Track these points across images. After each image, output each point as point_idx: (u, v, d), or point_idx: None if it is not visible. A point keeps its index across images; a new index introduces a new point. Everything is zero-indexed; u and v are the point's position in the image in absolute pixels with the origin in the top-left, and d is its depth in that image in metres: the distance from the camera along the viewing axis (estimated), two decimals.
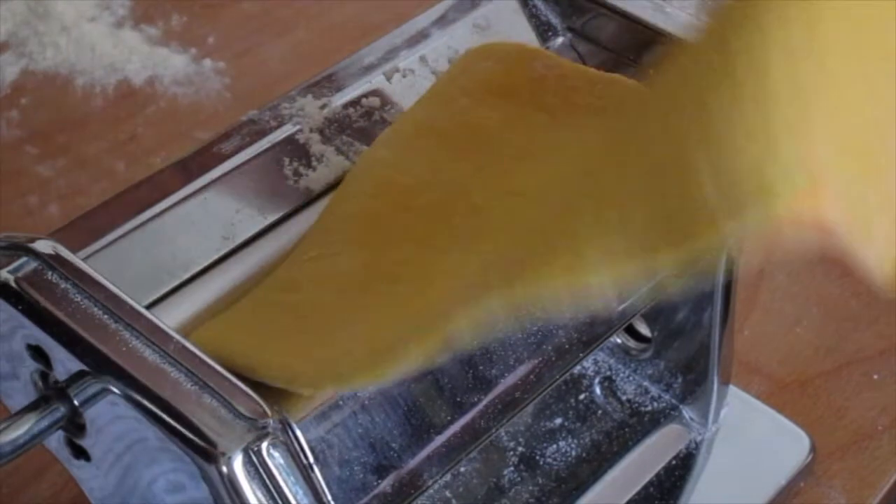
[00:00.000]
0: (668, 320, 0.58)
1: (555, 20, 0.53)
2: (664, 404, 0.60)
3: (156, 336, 0.38)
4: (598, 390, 0.60)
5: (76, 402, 0.38)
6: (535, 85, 0.47)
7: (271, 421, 0.36)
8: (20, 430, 0.37)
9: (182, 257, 0.43)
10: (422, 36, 0.51)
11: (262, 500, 0.36)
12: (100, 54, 0.81)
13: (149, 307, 0.41)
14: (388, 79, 0.49)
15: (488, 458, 0.56)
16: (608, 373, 0.61)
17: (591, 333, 0.49)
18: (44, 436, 0.38)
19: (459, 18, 0.52)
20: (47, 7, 0.83)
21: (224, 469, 0.35)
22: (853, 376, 0.64)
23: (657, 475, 0.58)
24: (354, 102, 0.48)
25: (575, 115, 0.45)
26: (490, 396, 0.45)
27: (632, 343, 0.60)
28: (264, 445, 0.36)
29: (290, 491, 0.36)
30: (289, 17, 0.85)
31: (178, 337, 0.38)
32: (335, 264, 0.42)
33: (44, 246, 0.41)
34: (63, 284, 0.40)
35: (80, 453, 0.41)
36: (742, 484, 0.59)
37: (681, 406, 0.60)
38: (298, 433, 0.38)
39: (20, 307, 0.39)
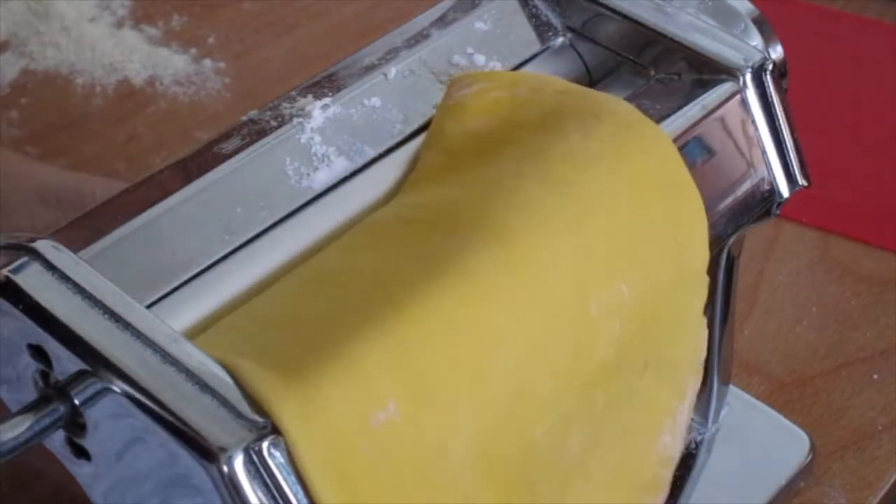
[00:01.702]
0: None
1: (555, 20, 0.53)
2: None
3: (156, 336, 0.38)
4: None
5: (77, 402, 0.38)
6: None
7: (271, 420, 0.36)
8: (21, 429, 0.37)
9: (182, 257, 0.43)
10: (422, 36, 0.51)
11: (263, 499, 0.36)
12: (100, 54, 0.81)
13: (149, 307, 0.41)
14: (388, 79, 0.49)
15: None
16: None
17: None
18: (44, 435, 0.38)
19: (459, 18, 0.52)
20: (47, 7, 0.83)
21: (225, 468, 0.35)
22: (853, 376, 0.64)
23: None
24: (355, 102, 0.48)
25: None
26: None
27: None
28: (265, 445, 0.36)
29: (291, 490, 0.36)
30: (289, 17, 0.85)
31: (178, 336, 0.38)
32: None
33: (44, 246, 0.41)
34: (63, 284, 0.40)
35: (81, 453, 0.41)
36: (742, 484, 0.59)
37: None
38: None
39: (21, 307, 0.39)
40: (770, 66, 0.49)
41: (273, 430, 0.36)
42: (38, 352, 0.40)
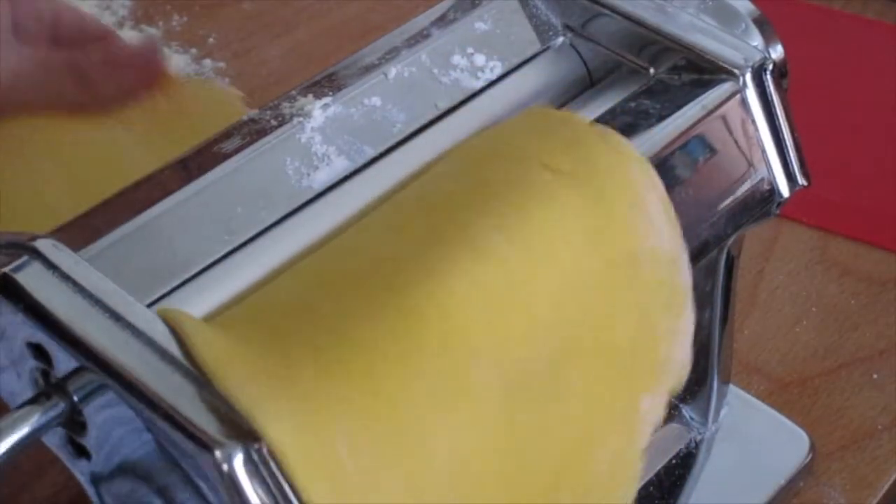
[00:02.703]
0: None
1: (555, 20, 0.53)
2: None
3: (156, 335, 0.38)
4: None
5: (76, 399, 0.38)
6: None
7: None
8: (20, 425, 0.38)
9: (182, 257, 0.43)
10: (422, 36, 0.51)
11: (263, 497, 0.36)
12: None
13: (149, 307, 0.41)
14: (388, 78, 0.49)
15: None
16: None
17: None
18: (43, 431, 0.38)
19: (459, 18, 0.52)
20: None
21: (224, 467, 0.35)
22: (853, 376, 0.65)
23: (657, 474, 0.58)
24: (355, 102, 0.48)
25: None
26: None
27: None
28: (265, 443, 0.36)
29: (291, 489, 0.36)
30: (289, 17, 0.85)
31: (178, 336, 0.38)
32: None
33: (44, 245, 0.41)
34: (64, 283, 0.40)
35: (81, 452, 0.41)
36: (742, 483, 0.59)
37: (681, 405, 0.60)
38: None
39: (21, 306, 0.39)
40: (770, 66, 0.49)
41: None
42: (38, 351, 0.40)
